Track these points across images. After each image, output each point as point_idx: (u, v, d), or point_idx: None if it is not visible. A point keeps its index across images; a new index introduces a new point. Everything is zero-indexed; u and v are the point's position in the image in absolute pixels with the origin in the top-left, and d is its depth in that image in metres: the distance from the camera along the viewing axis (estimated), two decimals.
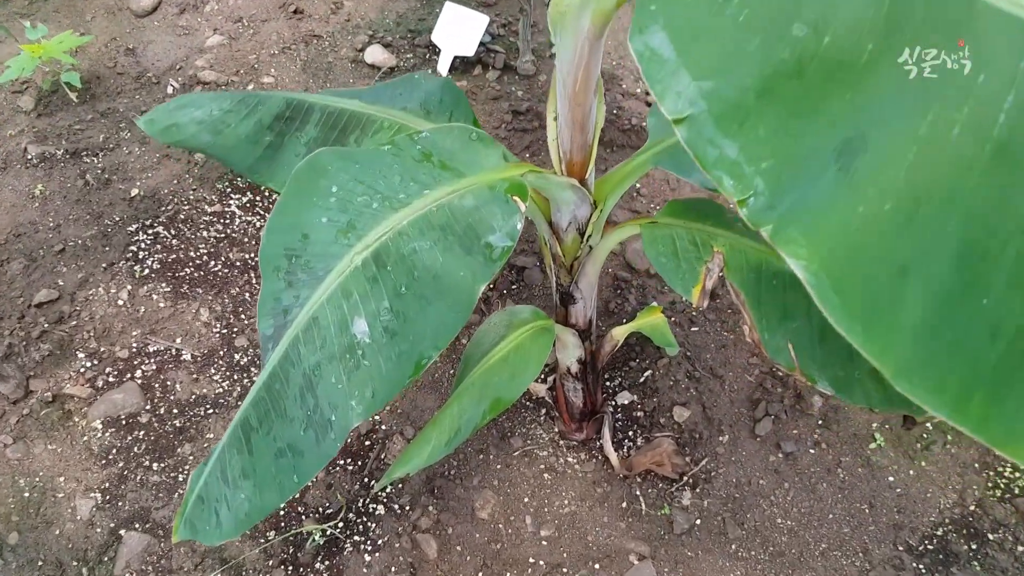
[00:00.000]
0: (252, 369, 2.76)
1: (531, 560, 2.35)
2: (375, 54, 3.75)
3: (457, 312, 1.49)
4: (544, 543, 2.39)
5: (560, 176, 1.77)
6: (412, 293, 1.49)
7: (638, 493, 2.47)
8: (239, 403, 2.62)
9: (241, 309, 2.90)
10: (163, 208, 3.28)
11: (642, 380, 2.70)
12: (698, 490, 2.48)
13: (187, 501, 1.56)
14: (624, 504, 2.46)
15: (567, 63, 1.53)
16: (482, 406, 1.92)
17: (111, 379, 2.68)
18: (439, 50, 3.61)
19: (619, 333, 2.36)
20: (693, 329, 2.84)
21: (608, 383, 2.72)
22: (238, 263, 3.04)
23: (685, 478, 2.50)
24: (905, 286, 0.88)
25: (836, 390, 1.77)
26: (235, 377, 2.72)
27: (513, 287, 2.98)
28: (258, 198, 3.28)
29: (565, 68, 1.56)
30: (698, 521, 2.43)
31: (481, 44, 3.69)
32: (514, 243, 1.55)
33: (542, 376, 2.71)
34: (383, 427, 2.62)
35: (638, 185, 3.26)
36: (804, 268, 0.90)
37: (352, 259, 1.51)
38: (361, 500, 2.47)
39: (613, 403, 2.67)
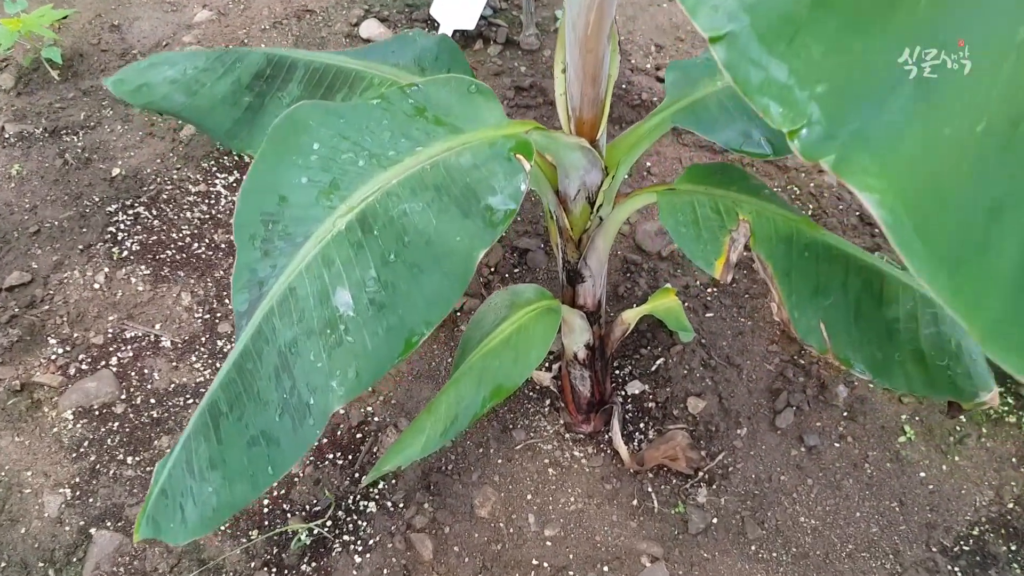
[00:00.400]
0: None
1: (534, 562, 2.19)
2: (370, 28, 3.58)
3: (453, 282, 1.33)
4: (548, 543, 2.23)
5: (569, 136, 1.60)
6: (402, 261, 1.33)
7: (650, 490, 2.31)
8: None
9: (225, 293, 2.74)
10: (145, 188, 3.12)
11: (654, 368, 2.54)
12: (715, 487, 2.32)
13: (150, 496, 1.40)
14: (635, 502, 2.30)
15: (577, 2, 1.37)
16: (482, 393, 1.77)
17: (84, 367, 2.52)
18: (438, 24, 3.45)
19: (630, 316, 2.19)
20: (708, 315, 2.67)
21: (617, 371, 2.56)
22: (223, 245, 2.88)
23: (701, 474, 2.34)
24: (1001, 225, 0.72)
25: (873, 374, 1.61)
26: (217, 365, 2.56)
27: (515, 270, 2.82)
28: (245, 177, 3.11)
29: (575, 9, 1.39)
30: (715, 520, 2.26)
31: (482, 18, 3.53)
32: (517, 206, 1.39)
33: (547, 364, 2.55)
34: (375, 418, 2.46)
35: (648, 164, 3.10)
36: (878, 203, 0.73)
37: (335, 223, 1.35)
38: (351, 497, 2.31)
39: (623, 393, 2.51)
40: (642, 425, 2.45)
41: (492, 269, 2.82)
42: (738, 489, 2.32)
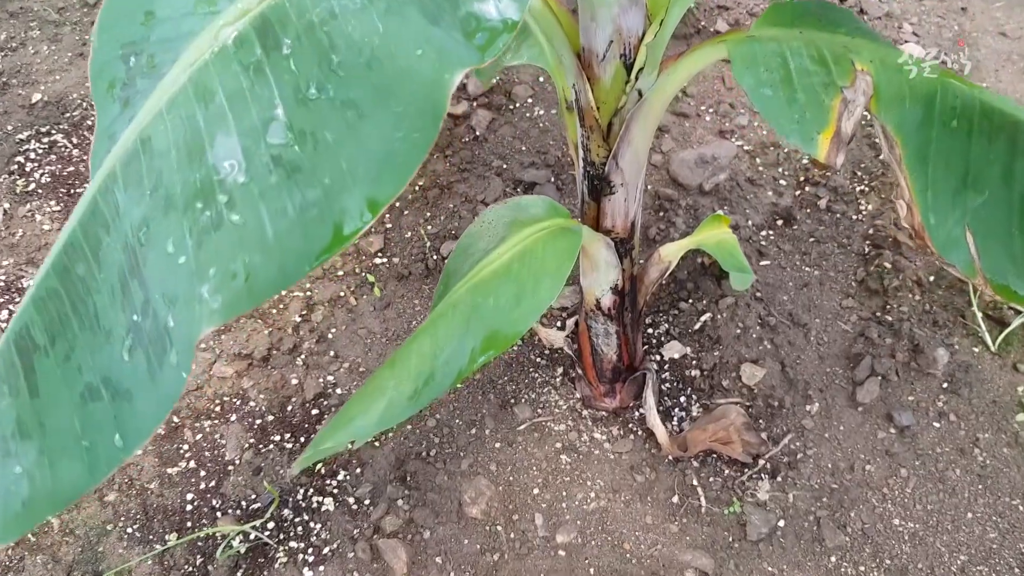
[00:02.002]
0: None
1: None
2: None
3: (410, 129, 0.83)
4: (561, 553, 1.73)
5: None
6: (329, 97, 0.83)
7: (695, 483, 1.81)
8: None
9: None
10: (67, 114, 2.63)
11: (697, 327, 2.03)
12: (780, 479, 1.82)
13: None
14: (675, 498, 1.80)
15: None
16: (470, 342, 1.28)
17: None
18: None
19: (670, 252, 1.69)
20: (763, 263, 2.17)
21: (651, 330, 2.06)
22: None
23: (761, 462, 1.84)
24: None
25: None
26: None
27: None
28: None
29: None
30: (781, 523, 1.76)
31: None
32: (520, 20, 0.88)
33: (560, 319, 2.05)
34: (337, 390, 1.97)
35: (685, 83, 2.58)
36: None
37: (217, 35, 0.85)
38: (301, 491, 1.81)
39: (658, 357, 2.00)
40: (683, 399, 1.95)
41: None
42: (811, 482, 1.82)
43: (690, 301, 2.07)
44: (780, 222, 2.26)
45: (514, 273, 1.34)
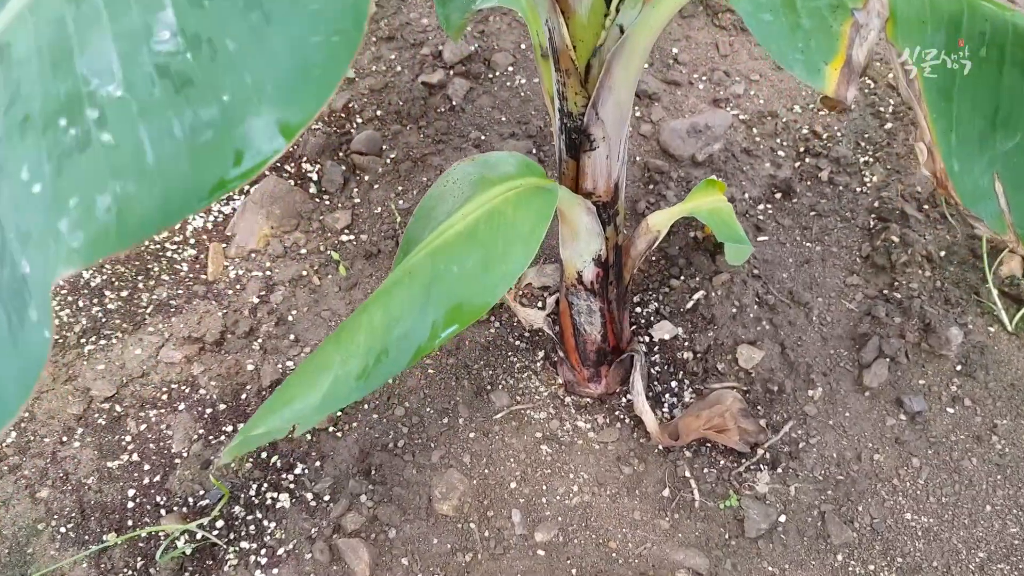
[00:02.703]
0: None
1: None
2: None
3: (331, 29, 0.68)
4: (540, 553, 1.59)
5: None
6: None
7: (688, 474, 1.67)
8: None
9: None
10: None
11: (690, 306, 1.89)
12: (780, 470, 1.68)
13: None
14: (666, 491, 1.66)
15: None
16: (430, 314, 1.14)
17: None
18: None
19: (659, 220, 1.55)
20: (761, 238, 2.03)
21: (639, 309, 1.91)
22: None
23: (760, 451, 1.70)
24: None
25: None
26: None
27: None
28: None
29: None
30: (782, 518, 1.62)
31: None
32: None
33: (541, 297, 1.90)
34: None
35: (676, 50, 2.44)
36: None
37: None
38: (255, 486, 1.67)
39: (647, 339, 1.86)
40: (674, 384, 1.81)
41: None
42: (814, 473, 1.68)
43: (682, 278, 1.93)
44: (779, 195, 2.12)
45: (481, 236, 1.20)
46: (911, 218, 2.01)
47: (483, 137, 2.26)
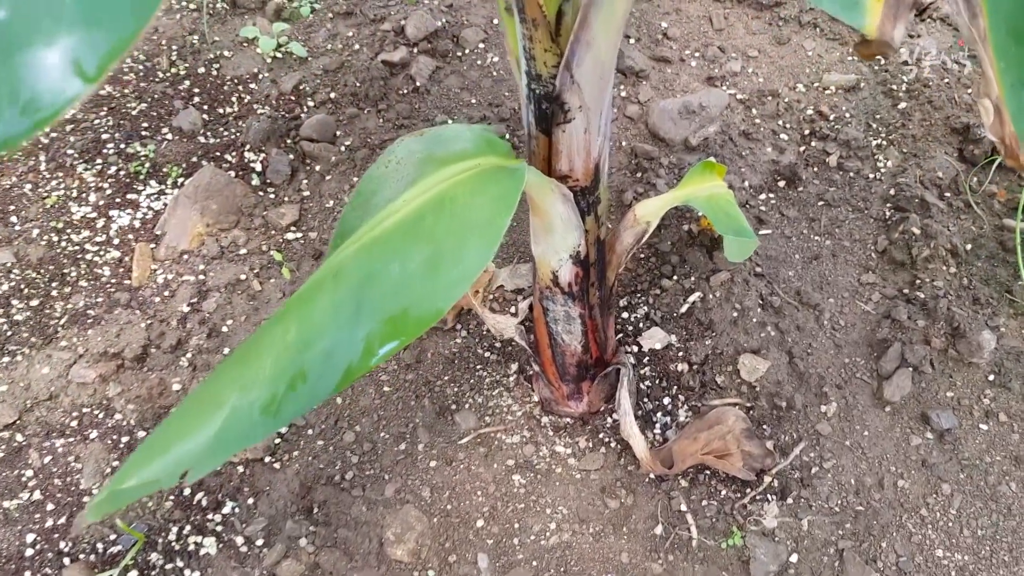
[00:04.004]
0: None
1: None
2: None
3: None
4: None
5: None
6: None
7: (684, 508, 1.45)
8: None
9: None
10: None
11: (684, 310, 1.67)
12: (790, 500, 1.46)
13: None
14: (659, 529, 1.44)
15: None
16: (363, 325, 0.93)
17: None
18: None
19: (648, 211, 1.34)
20: (764, 232, 1.81)
21: (626, 314, 1.69)
22: None
23: (767, 479, 1.48)
24: None
25: None
26: None
27: None
28: None
29: None
30: (794, 558, 1.41)
31: None
32: None
33: (514, 301, 1.68)
34: None
35: (664, 24, 2.22)
36: None
37: None
38: (175, 529, 1.43)
39: (635, 349, 1.64)
40: (667, 401, 1.59)
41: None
42: (829, 504, 1.46)
43: (675, 278, 1.71)
44: (782, 183, 1.91)
45: (427, 228, 0.97)
46: (932, 207, 1.80)
47: (450, 121, 2.03)
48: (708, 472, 1.49)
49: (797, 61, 2.16)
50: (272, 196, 1.90)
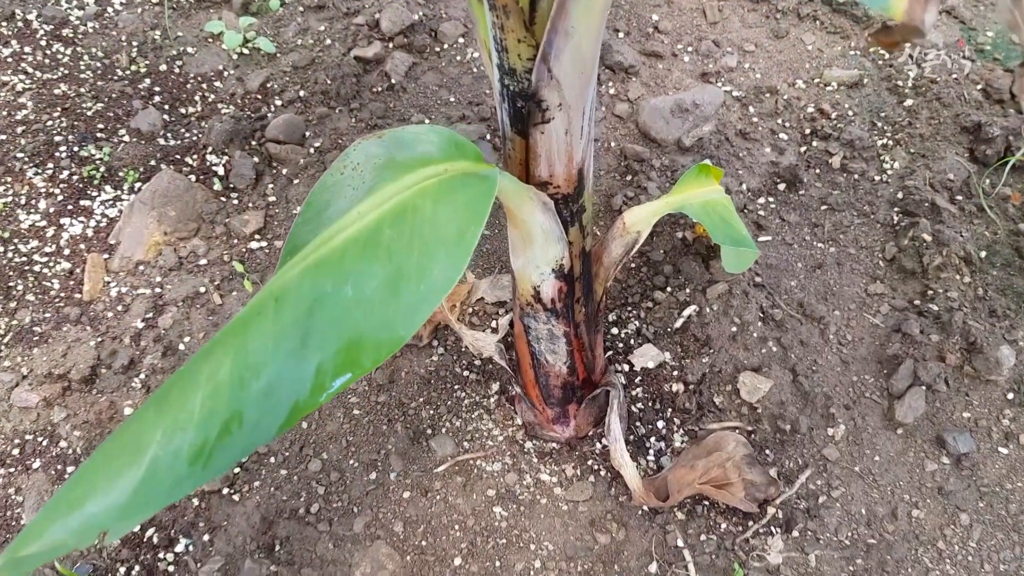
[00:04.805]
0: None
1: None
2: None
3: None
4: None
5: None
6: None
7: (680, 543, 1.34)
8: None
9: None
10: None
11: (679, 325, 1.56)
12: (796, 533, 1.35)
13: None
14: (653, 567, 1.33)
15: None
16: (312, 357, 0.83)
17: None
18: None
19: (639, 219, 1.23)
20: (763, 238, 1.71)
21: (616, 330, 1.58)
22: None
23: (771, 510, 1.37)
24: None
25: None
26: None
27: None
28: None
29: None
30: None
31: None
32: None
33: (495, 316, 1.57)
34: None
35: (655, 17, 2.11)
36: None
37: None
38: (122, 569, 1.31)
39: (626, 368, 1.53)
40: (662, 424, 1.48)
41: None
42: (839, 536, 1.36)
43: (668, 290, 1.60)
44: (782, 186, 1.80)
45: (385, 243, 0.86)
46: (943, 211, 1.70)
47: (427, 120, 1.92)
48: (707, 503, 1.38)
49: (796, 56, 2.06)
50: (235, 202, 1.79)
